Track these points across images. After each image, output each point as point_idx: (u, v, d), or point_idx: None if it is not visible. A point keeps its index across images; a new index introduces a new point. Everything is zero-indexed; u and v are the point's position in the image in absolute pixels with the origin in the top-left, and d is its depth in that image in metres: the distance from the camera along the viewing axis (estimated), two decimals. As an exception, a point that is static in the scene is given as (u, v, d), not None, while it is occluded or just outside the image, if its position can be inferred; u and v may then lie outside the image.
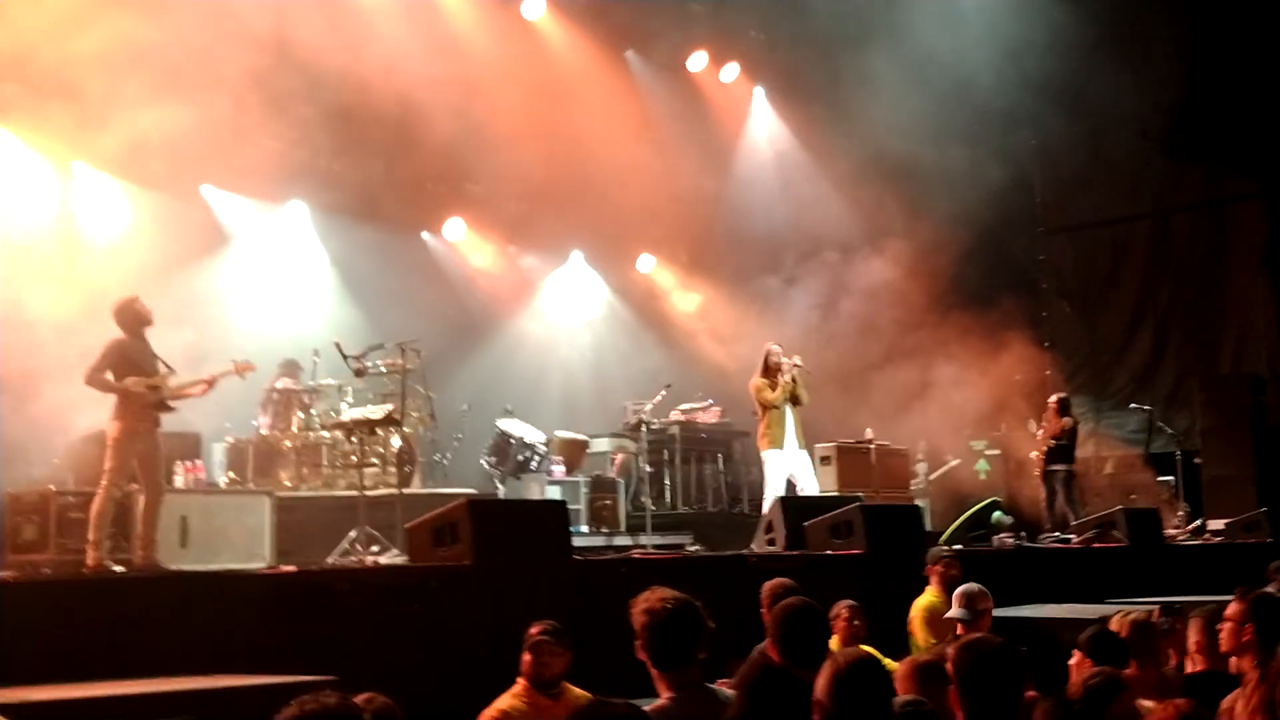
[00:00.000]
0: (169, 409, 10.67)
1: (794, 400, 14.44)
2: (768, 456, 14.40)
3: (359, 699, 4.70)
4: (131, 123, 13.30)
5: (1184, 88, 19.40)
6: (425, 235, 19.70)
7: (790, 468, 14.39)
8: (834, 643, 7.76)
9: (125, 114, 13.21)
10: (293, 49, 14.30)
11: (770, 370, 14.51)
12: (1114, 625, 6.63)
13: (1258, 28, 18.94)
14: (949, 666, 4.73)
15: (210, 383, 11.03)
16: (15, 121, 13.99)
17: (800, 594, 6.96)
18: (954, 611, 8.49)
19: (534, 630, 6.82)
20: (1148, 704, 5.08)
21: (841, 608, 8.41)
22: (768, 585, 8.02)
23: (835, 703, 4.26)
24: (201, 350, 12.47)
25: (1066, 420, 16.71)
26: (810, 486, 14.48)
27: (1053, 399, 17.13)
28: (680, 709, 4.79)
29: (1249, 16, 18.95)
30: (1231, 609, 6.21)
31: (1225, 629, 6.21)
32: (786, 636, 5.40)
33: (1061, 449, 16.55)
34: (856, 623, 8.45)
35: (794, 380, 14.42)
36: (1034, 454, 16.78)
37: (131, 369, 10.42)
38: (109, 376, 10.38)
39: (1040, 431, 16.80)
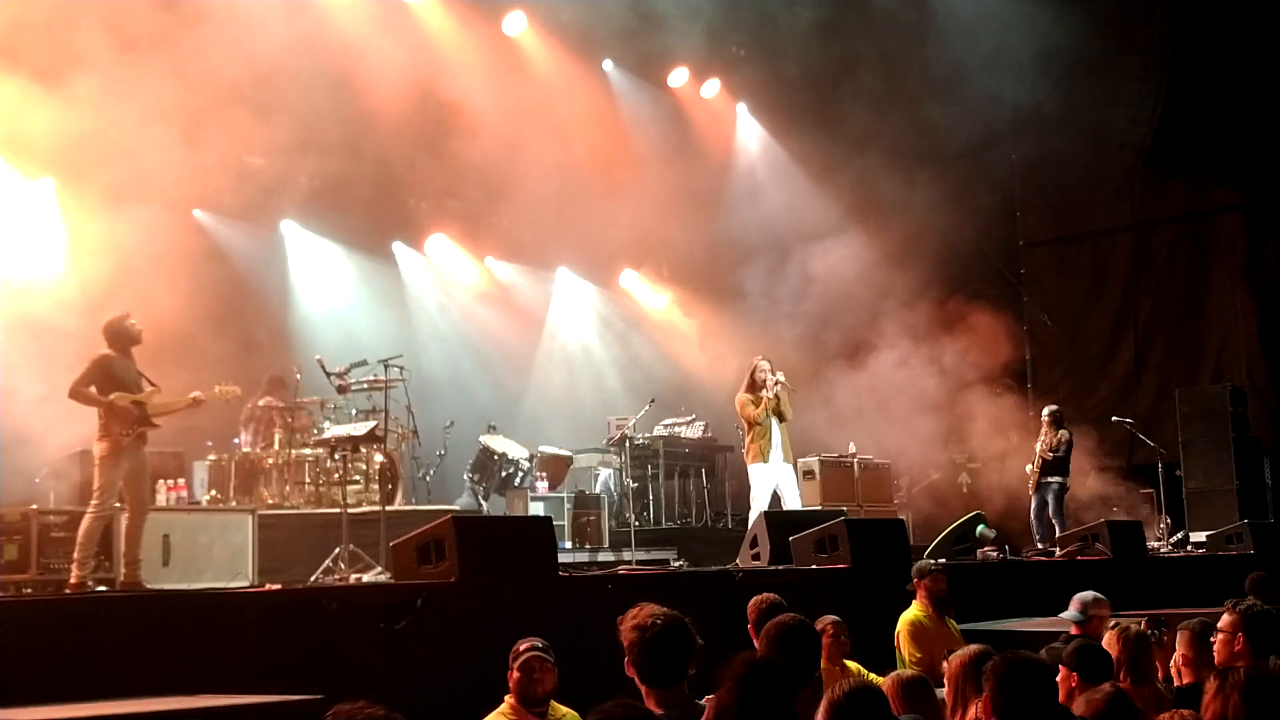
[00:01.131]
0: (153, 425, 10.65)
1: (779, 416, 14.43)
2: (752, 471, 14.39)
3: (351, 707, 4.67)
4: (112, 138, 13.29)
5: (1164, 100, 19.50)
6: (408, 251, 19.69)
7: (775, 482, 14.37)
8: (820, 659, 7.76)
9: (105, 131, 13.18)
10: (276, 69, 14.27)
11: (756, 385, 14.49)
12: (1106, 639, 6.62)
13: (1237, 41, 19.03)
14: (985, 676, 4.71)
15: (195, 403, 11.02)
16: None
17: (787, 609, 6.96)
18: (1067, 613, 8.51)
19: (523, 646, 6.80)
20: None
21: (826, 623, 8.39)
22: (755, 600, 8.00)
23: None
24: (189, 369, 12.46)
25: (1062, 433, 16.75)
26: (793, 501, 14.48)
27: (1046, 412, 17.12)
28: (670, 726, 4.78)
29: (1229, 30, 19.05)
30: (1224, 620, 6.24)
31: (1219, 640, 6.23)
32: (778, 654, 5.38)
33: (1057, 461, 16.60)
34: (842, 638, 8.44)
35: (778, 396, 14.41)
36: (1029, 467, 16.78)
37: (116, 385, 10.41)
38: (93, 391, 10.37)
39: (1040, 443, 16.79)
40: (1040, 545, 16.12)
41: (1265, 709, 4.92)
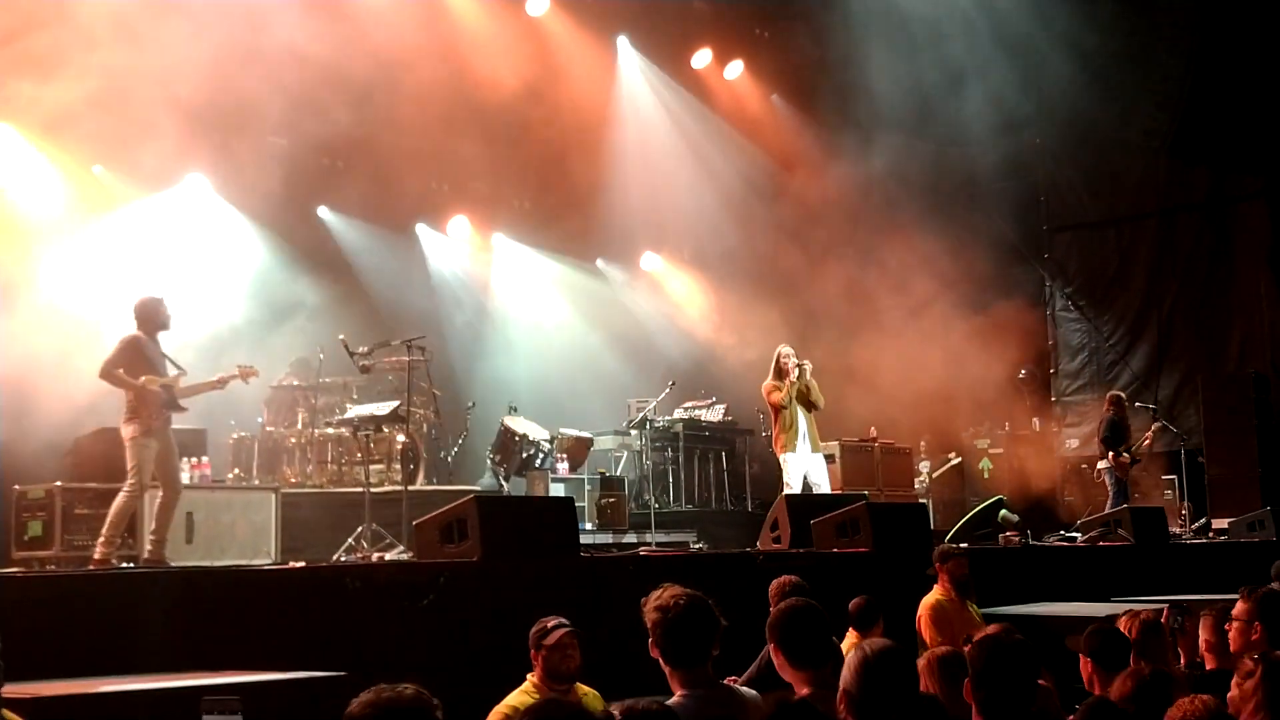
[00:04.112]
0: (180, 409, 10.71)
1: (809, 405, 14.35)
2: (784, 460, 14.30)
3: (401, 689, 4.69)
4: (133, 117, 13.34)
5: (1188, 86, 19.41)
6: (430, 233, 19.71)
7: (805, 469, 14.33)
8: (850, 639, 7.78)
9: (127, 109, 13.23)
10: (299, 49, 14.28)
11: (781, 373, 14.43)
12: (1123, 624, 6.61)
13: (1262, 26, 18.93)
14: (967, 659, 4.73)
15: (220, 384, 11.08)
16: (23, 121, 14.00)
17: (808, 591, 6.96)
18: None
19: (551, 624, 6.80)
20: None
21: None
22: (776, 582, 8.02)
23: (862, 691, 4.27)
24: (212, 347, 12.54)
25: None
26: (824, 488, 14.44)
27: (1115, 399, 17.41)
28: (694, 706, 4.78)
29: (1253, 15, 18.95)
30: (1239, 608, 6.22)
31: (1233, 628, 6.22)
32: (786, 637, 5.40)
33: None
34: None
35: (808, 386, 14.35)
36: (1126, 457, 16.91)
37: (147, 367, 10.47)
38: (122, 374, 10.41)
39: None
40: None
41: None
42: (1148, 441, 17.31)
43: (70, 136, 13.95)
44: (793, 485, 14.07)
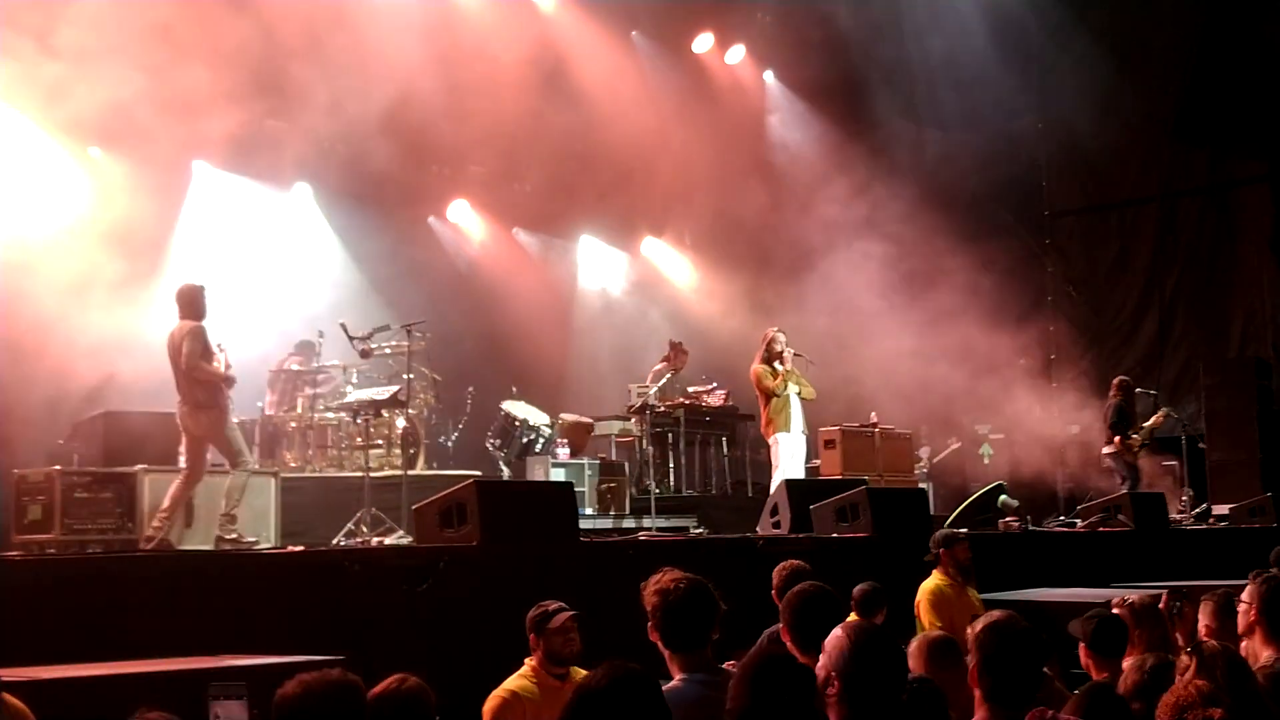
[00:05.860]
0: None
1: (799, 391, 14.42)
2: (777, 440, 14.29)
3: (393, 679, 4.69)
4: (132, 99, 13.31)
5: (1191, 70, 19.37)
6: (430, 218, 19.69)
7: (795, 450, 14.33)
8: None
9: (123, 86, 13.20)
10: (295, 31, 14.24)
11: (773, 356, 14.42)
12: (1117, 608, 6.61)
13: (1265, 10, 18.89)
14: (971, 643, 4.70)
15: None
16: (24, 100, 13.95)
17: (812, 577, 6.95)
18: None
19: (553, 607, 6.79)
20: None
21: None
22: (779, 568, 7.99)
23: (852, 668, 4.22)
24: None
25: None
26: (797, 472, 14.49)
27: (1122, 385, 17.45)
28: (693, 690, 4.78)
29: (1258, -1, 18.96)
30: (1247, 591, 6.20)
31: (1240, 610, 6.21)
32: (799, 622, 5.38)
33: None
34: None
35: (800, 381, 14.39)
36: (1135, 439, 16.98)
37: (213, 354, 10.72)
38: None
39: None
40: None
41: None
42: (1154, 425, 17.33)
43: (70, 117, 13.90)
44: (782, 465, 14.08)
